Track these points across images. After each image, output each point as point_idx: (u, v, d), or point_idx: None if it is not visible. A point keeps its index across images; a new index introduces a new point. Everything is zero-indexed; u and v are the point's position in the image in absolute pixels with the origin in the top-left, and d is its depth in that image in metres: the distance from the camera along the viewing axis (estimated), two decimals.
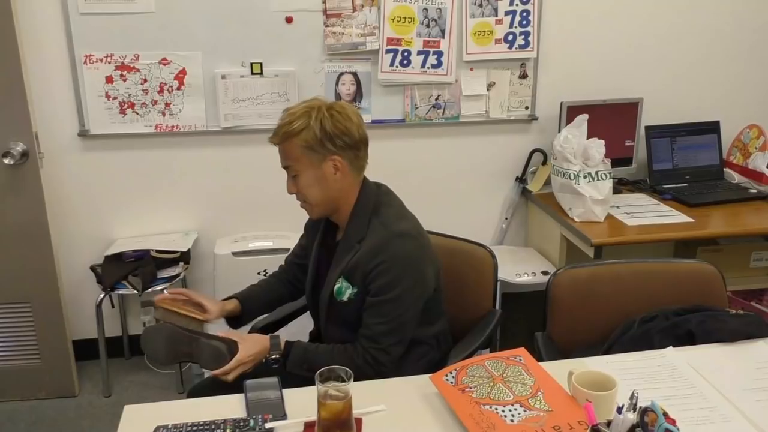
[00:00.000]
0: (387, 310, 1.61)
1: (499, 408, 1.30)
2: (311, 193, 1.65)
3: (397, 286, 1.60)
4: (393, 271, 1.60)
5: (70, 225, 2.82)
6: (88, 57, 2.62)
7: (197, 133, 2.79)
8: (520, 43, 2.87)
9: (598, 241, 2.50)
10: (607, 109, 2.94)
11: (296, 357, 1.64)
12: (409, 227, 1.68)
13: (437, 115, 2.93)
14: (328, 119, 1.59)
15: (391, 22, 2.75)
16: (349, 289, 1.66)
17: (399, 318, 1.62)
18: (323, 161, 1.61)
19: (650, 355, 1.57)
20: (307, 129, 1.58)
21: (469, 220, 3.10)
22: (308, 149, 1.59)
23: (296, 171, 1.63)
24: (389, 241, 1.61)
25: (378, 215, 1.67)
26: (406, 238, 1.64)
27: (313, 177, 1.62)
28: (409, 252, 1.63)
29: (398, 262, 1.60)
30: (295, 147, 1.60)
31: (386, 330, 1.61)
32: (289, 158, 1.62)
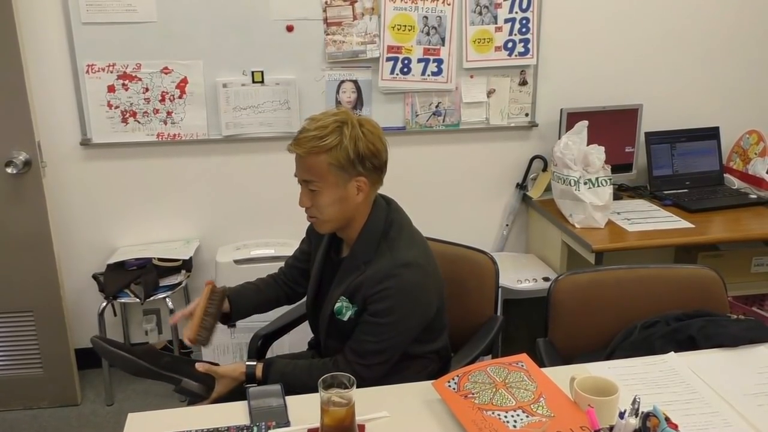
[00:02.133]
0: (381, 332, 1.59)
1: (502, 414, 1.30)
2: (328, 212, 1.58)
3: (396, 312, 1.58)
4: (395, 298, 1.57)
5: (73, 234, 2.83)
6: (90, 66, 2.64)
7: (199, 142, 2.80)
8: (519, 51, 2.88)
9: (599, 247, 2.51)
10: (606, 116, 2.95)
11: (274, 382, 1.59)
12: (417, 255, 1.63)
13: (438, 122, 2.94)
14: (362, 139, 1.53)
15: (392, 30, 2.77)
16: (350, 309, 1.64)
17: (391, 341, 1.60)
18: (349, 181, 1.55)
19: (652, 361, 1.57)
20: (339, 147, 1.51)
21: (470, 227, 3.11)
22: (338, 168, 1.52)
23: (318, 187, 1.55)
24: (395, 271, 1.57)
25: (387, 239, 1.63)
26: (412, 268, 1.59)
27: (336, 196, 1.56)
28: (414, 282, 1.59)
29: (401, 291, 1.58)
30: (323, 164, 1.51)
31: (375, 349, 1.60)
32: (313, 173, 1.53)
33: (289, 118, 2.81)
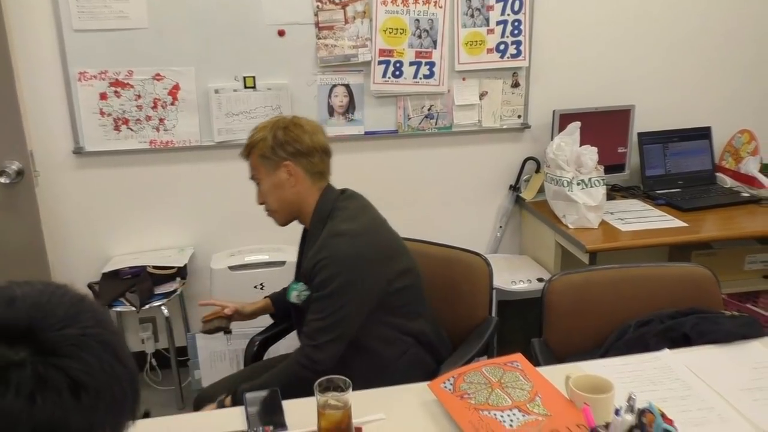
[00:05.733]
0: (323, 306, 1.64)
1: (498, 413, 1.30)
2: (270, 200, 1.79)
3: (333, 282, 1.63)
4: (330, 268, 1.63)
5: (67, 243, 2.82)
6: (82, 74, 2.64)
7: (191, 148, 2.80)
8: (512, 53, 2.90)
9: (593, 247, 2.51)
10: (599, 117, 2.96)
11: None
12: (353, 227, 1.70)
13: (430, 125, 2.95)
14: (281, 130, 1.74)
15: (383, 34, 2.77)
16: (296, 290, 1.74)
17: (335, 314, 1.63)
18: (277, 168, 1.74)
19: (646, 358, 1.58)
20: (262, 140, 1.74)
21: (464, 229, 3.11)
22: (263, 158, 1.74)
23: (258, 179, 1.79)
24: (326, 241, 1.67)
25: (331, 219, 1.74)
26: (344, 237, 1.67)
27: (271, 183, 1.76)
28: (346, 250, 1.65)
29: (334, 259, 1.64)
30: (255, 158, 1.76)
31: (322, 326, 1.63)
32: (252, 168, 1.79)
33: None
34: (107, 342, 0.74)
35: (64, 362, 0.69)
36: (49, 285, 0.76)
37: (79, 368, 0.69)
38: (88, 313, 0.75)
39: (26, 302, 0.72)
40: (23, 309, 0.71)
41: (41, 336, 0.69)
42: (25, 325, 0.70)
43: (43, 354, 0.69)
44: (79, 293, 0.77)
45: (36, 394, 0.67)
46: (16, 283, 0.76)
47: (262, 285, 2.74)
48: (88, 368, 0.70)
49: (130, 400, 0.76)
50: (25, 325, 0.70)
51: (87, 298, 0.77)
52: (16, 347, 0.68)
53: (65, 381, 0.68)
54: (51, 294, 0.74)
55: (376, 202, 1.88)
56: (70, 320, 0.72)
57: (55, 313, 0.72)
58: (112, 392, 0.72)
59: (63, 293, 0.75)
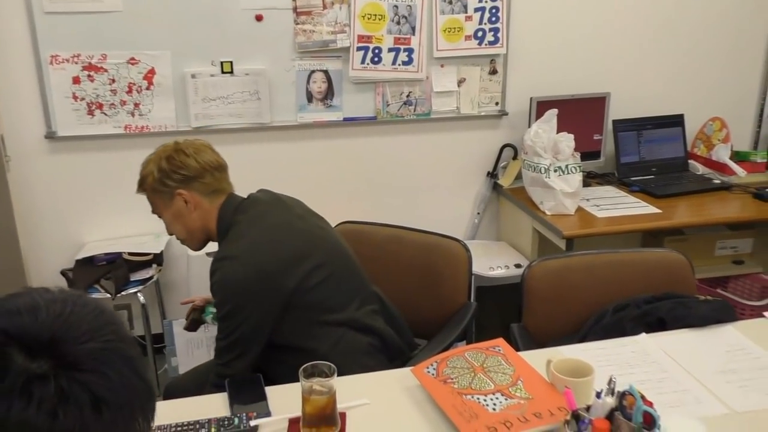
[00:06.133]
0: (223, 327, 1.64)
1: (481, 397, 1.32)
2: (177, 229, 1.76)
3: (226, 304, 1.62)
4: (220, 293, 1.62)
5: (39, 229, 2.77)
6: (54, 57, 2.58)
7: (167, 134, 2.76)
8: (489, 40, 2.90)
9: (570, 233, 2.55)
10: (575, 104, 2.99)
11: None
12: (235, 250, 1.63)
13: (409, 112, 2.95)
14: (164, 160, 1.70)
15: (362, 20, 2.76)
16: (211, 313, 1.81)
17: (233, 334, 1.61)
18: (172, 198, 1.71)
19: (624, 342, 1.61)
20: (147, 178, 1.71)
21: (442, 216, 3.13)
22: (155, 191, 1.72)
23: (158, 213, 1.76)
24: (214, 266, 1.64)
25: (225, 240, 1.71)
26: (226, 261, 1.62)
27: (171, 214, 1.74)
28: (230, 275, 1.60)
29: (222, 285, 1.62)
30: (148, 193, 1.74)
31: (224, 345, 1.63)
32: (150, 203, 1.76)
33: (260, 108, 2.79)
34: (128, 356, 0.73)
35: (86, 377, 0.68)
36: (70, 294, 0.75)
37: (101, 383, 0.69)
38: (110, 326, 0.74)
39: (50, 313, 0.71)
40: (47, 321, 0.70)
41: (64, 349, 0.69)
42: (48, 338, 0.69)
43: (65, 368, 0.68)
44: (99, 304, 0.76)
45: (58, 409, 0.66)
46: (35, 291, 0.75)
47: None
48: (109, 383, 0.70)
49: (148, 415, 0.76)
50: (48, 337, 0.69)
51: (107, 310, 0.77)
52: (39, 360, 0.67)
53: (87, 396, 0.68)
54: (73, 305, 0.73)
55: (354, 188, 1.88)
56: (92, 334, 0.71)
57: (78, 326, 0.71)
58: (131, 407, 0.72)
59: (84, 304, 0.75)
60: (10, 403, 0.65)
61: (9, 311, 0.71)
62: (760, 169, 3.09)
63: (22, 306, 0.71)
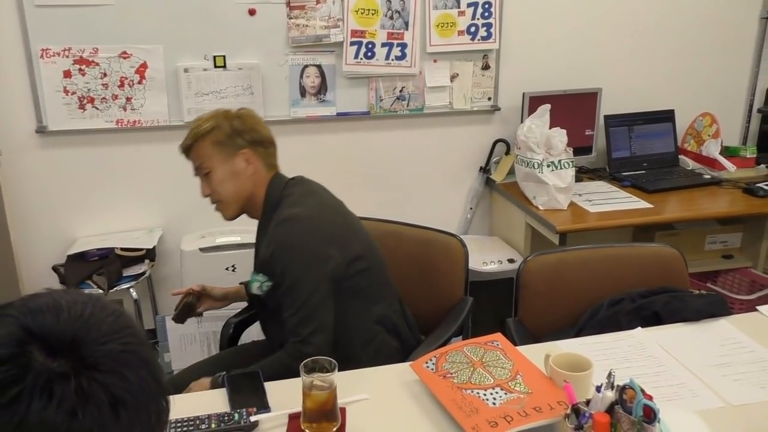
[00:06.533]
0: (292, 299, 1.59)
1: (481, 392, 1.33)
2: (225, 189, 1.71)
3: (291, 271, 1.59)
4: (284, 257, 1.60)
5: (31, 224, 2.75)
6: (44, 51, 2.55)
7: (160, 128, 2.75)
8: (482, 35, 2.91)
9: (563, 228, 2.56)
10: (567, 99, 3.01)
11: None
12: (298, 211, 1.65)
13: (402, 107, 2.95)
14: (237, 119, 1.71)
15: (355, 14, 2.75)
16: (257, 282, 1.69)
17: (305, 305, 1.58)
18: (234, 155, 1.69)
19: (620, 336, 1.63)
20: (217, 127, 1.68)
21: (435, 211, 3.13)
22: (219, 145, 1.68)
23: (208, 168, 1.70)
24: (276, 229, 1.63)
25: (279, 207, 1.70)
26: (290, 222, 1.63)
27: (226, 172, 1.69)
28: (294, 236, 1.62)
29: (284, 247, 1.61)
30: (206, 145, 1.68)
31: (299, 320, 1.58)
32: (201, 157, 1.70)
33: (253, 103, 2.77)
34: (146, 359, 0.74)
35: (106, 378, 0.69)
36: (90, 297, 0.76)
37: (120, 385, 0.70)
38: (129, 329, 0.75)
39: (72, 314, 0.72)
40: (69, 321, 0.71)
41: (84, 350, 0.69)
42: (70, 338, 0.69)
43: (86, 368, 0.68)
44: (117, 307, 0.77)
45: (78, 408, 0.67)
46: (57, 293, 0.75)
47: (233, 267, 2.72)
48: (128, 385, 0.70)
49: (162, 419, 0.76)
50: (69, 337, 0.69)
51: (125, 313, 0.77)
52: (59, 359, 0.68)
53: (106, 397, 0.68)
54: (93, 306, 0.74)
55: (347, 183, 1.88)
56: (112, 335, 0.72)
57: (99, 327, 0.72)
58: (148, 410, 0.73)
59: (103, 306, 0.75)
60: (30, 401, 0.65)
61: (32, 310, 0.71)
62: (750, 165, 3.12)
63: (45, 306, 0.72)
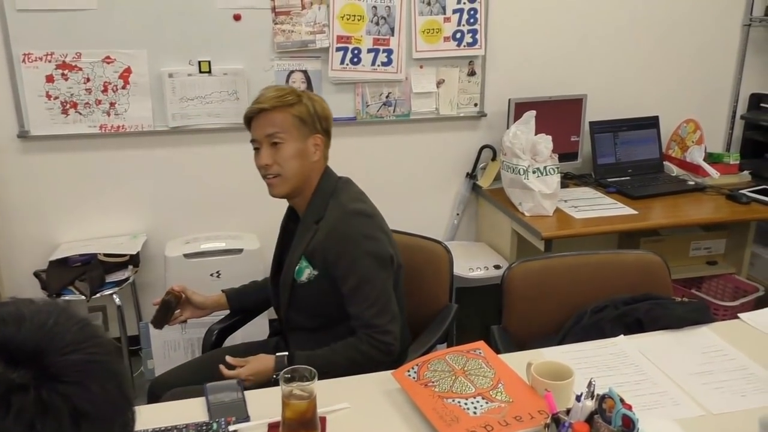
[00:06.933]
0: (367, 292, 1.62)
1: (462, 401, 1.32)
2: (291, 165, 1.66)
3: (362, 264, 1.62)
4: (352, 249, 1.62)
5: (12, 229, 2.72)
6: (26, 55, 2.53)
7: (144, 134, 2.73)
8: (468, 41, 2.91)
9: (548, 234, 2.57)
10: (553, 106, 3.01)
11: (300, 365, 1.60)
12: (365, 208, 1.71)
13: (388, 112, 2.95)
14: (317, 101, 1.70)
15: (341, 20, 2.75)
16: (308, 269, 1.67)
17: (381, 297, 1.63)
18: (308, 137, 1.67)
19: (603, 344, 1.63)
20: (300, 104, 1.65)
21: (421, 216, 3.12)
22: (301, 122, 1.65)
23: (282, 139, 1.64)
24: (344, 220, 1.65)
25: (336, 197, 1.70)
26: (360, 217, 1.67)
27: (297, 150, 1.66)
28: (365, 230, 1.66)
29: (355, 240, 1.63)
30: (288, 117, 1.64)
31: (376, 312, 1.62)
32: (277, 125, 1.64)
33: (238, 108, 2.76)
34: (112, 370, 0.72)
35: (68, 389, 0.67)
36: (55, 305, 0.74)
37: (83, 396, 0.68)
38: (95, 339, 0.73)
39: (34, 323, 0.70)
40: (31, 330, 0.69)
41: (46, 360, 0.67)
42: (32, 348, 0.67)
43: (47, 379, 0.67)
44: (84, 317, 0.75)
45: (36, 420, 0.65)
46: (20, 301, 0.73)
47: (218, 273, 2.71)
48: (91, 397, 0.68)
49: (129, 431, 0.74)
50: (31, 347, 0.68)
51: (93, 323, 0.75)
52: (20, 370, 0.66)
53: (67, 409, 0.66)
54: (58, 315, 0.72)
55: None
56: (76, 345, 0.70)
57: (63, 337, 0.70)
58: (112, 422, 0.71)
59: (69, 316, 0.73)
60: None
61: None
62: (733, 171, 3.14)
63: (6, 315, 0.70)
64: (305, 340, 1.75)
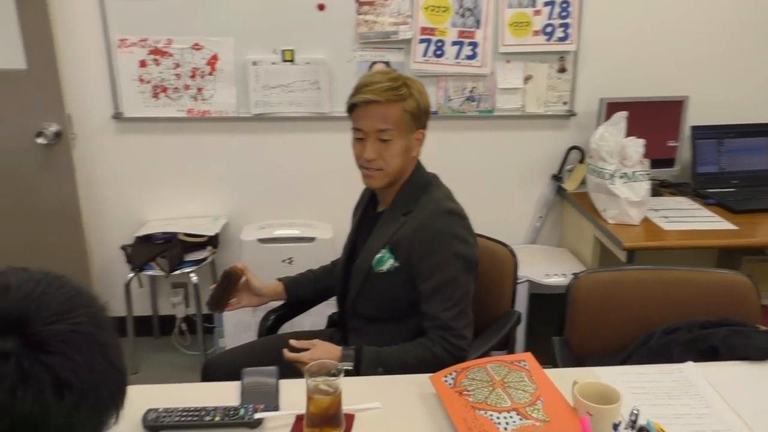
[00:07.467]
0: (450, 294, 1.57)
1: (494, 414, 1.24)
2: (395, 162, 1.61)
3: (451, 264, 1.57)
4: (444, 249, 1.57)
5: (103, 205, 2.87)
6: (122, 41, 2.65)
7: (228, 119, 2.80)
8: (559, 36, 2.77)
9: (631, 244, 2.39)
10: (649, 107, 2.81)
11: (369, 360, 1.56)
12: (459, 209, 1.67)
13: (471, 107, 2.86)
14: (423, 93, 1.63)
15: (425, 11, 2.69)
16: (390, 260, 1.63)
17: (462, 300, 1.59)
18: (413, 132, 1.62)
19: (667, 369, 1.48)
20: (411, 98, 1.58)
21: (501, 217, 3.00)
22: (411, 117, 1.59)
23: (392, 136, 1.58)
24: (437, 218, 1.60)
25: (428, 193, 1.66)
26: (455, 217, 1.63)
27: (403, 147, 1.61)
28: (459, 231, 1.62)
29: (447, 239, 1.58)
30: (400, 112, 1.57)
31: (455, 314, 1.58)
32: (390, 121, 1.57)
33: (319, 98, 2.77)
34: (99, 342, 0.72)
35: (51, 358, 0.68)
36: (48, 275, 0.75)
37: (66, 366, 0.68)
38: (84, 309, 0.73)
39: (20, 292, 0.71)
40: (16, 299, 0.70)
41: (30, 329, 0.68)
42: (16, 316, 0.68)
43: (31, 348, 0.67)
44: (77, 286, 0.75)
45: (17, 388, 0.66)
46: (12, 270, 0.74)
47: (290, 260, 2.73)
48: (74, 366, 0.69)
49: (116, 403, 0.74)
50: (15, 316, 0.68)
51: (85, 293, 0.75)
52: (4, 338, 0.67)
53: (49, 378, 0.67)
54: (47, 285, 0.72)
55: None
56: (62, 315, 0.70)
57: (48, 306, 0.70)
58: (97, 393, 0.71)
59: (59, 285, 0.73)
60: None
61: None
62: None
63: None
64: (363, 330, 1.73)
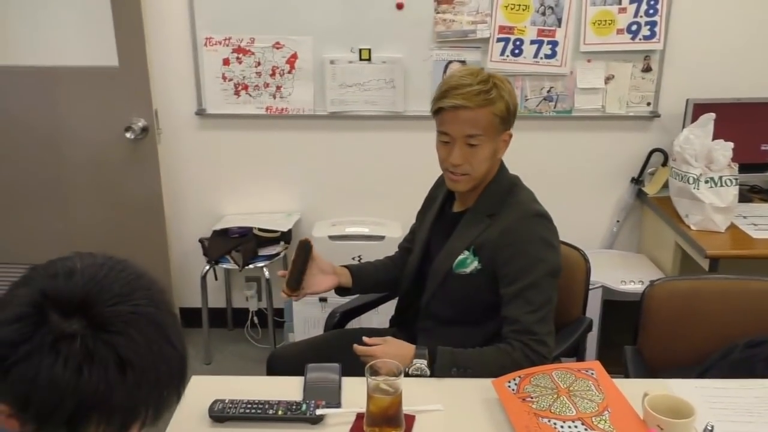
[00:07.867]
0: (533, 298, 1.51)
1: (558, 423, 1.21)
2: (481, 167, 1.57)
3: (538, 268, 1.52)
4: (531, 252, 1.53)
5: (184, 198, 2.98)
6: (208, 39, 2.75)
7: (305, 117, 2.85)
8: (644, 34, 2.66)
9: (714, 252, 2.28)
10: (740, 109, 2.66)
11: (444, 360, 1.50)
12: (546, 213, 1.62)
13: (549, 108, 2.79)
14: (512, 94, 1.55)
15: (505, 10, 2.65)
16: (474, 262, 1.59)
17: (546, 305, 1.51)
18: (500, 135, 1.57)
19: (749, 384, 1.40)
20: (500, 100, 1.51)
21: (577, 221, 2.89)
22: (501, 121, 1.53)
23: (480, 141, 1.52)
24: (525, 221, 1.56)
25: (513, 194, 1.63)
26: (544, 222, 1.58)
27: (491, 151, 1.56)
28: (548, 236, 1.57)
29: (535, 244, 1.54)
30: (490, 116, 1.51)
31: (538, 319, 1.50)
32: (479, 127, 1.51)
33: (394, 97, 2.78)
34: (158, 322, 0.76)
35: (113, 338, 0.72)
36: (111, 259, 0.79)
37: (127, 345, 0.72)
38: (144, 291, 0.77)
39: (84, 276, 0.75)
40: (80, 282, 0.74)
41: (94, 310, 0.72)
42: (81, 298, 0.73)
43: (94, 328, 0.71)
44: (138, 270, 0.79)
45: (84, 367, 0.70)
46: (78, 256, 0.79)
47: (360, 257, 2.75)
48: (135, 346, 0.72)
49: (176, 382, 0.78)
50: (80, 298, 0.73)
51: (146, 276, 0.79)
52: (70, 319, 0.71)
53: (112, 357, 0.71)
54: (110, 269, 0.77)
55: None
56: (124, 297, 0.75)
57: (110, 288, 0.75)
58: (157, 372, 0.74)
59: (122, 269, 0.78)
60: (41, 358, 0.70)
61: (49, 274, 0.76)
62: None
63: (60, 269, 0.76)
64: (433, 331, 1.69)
